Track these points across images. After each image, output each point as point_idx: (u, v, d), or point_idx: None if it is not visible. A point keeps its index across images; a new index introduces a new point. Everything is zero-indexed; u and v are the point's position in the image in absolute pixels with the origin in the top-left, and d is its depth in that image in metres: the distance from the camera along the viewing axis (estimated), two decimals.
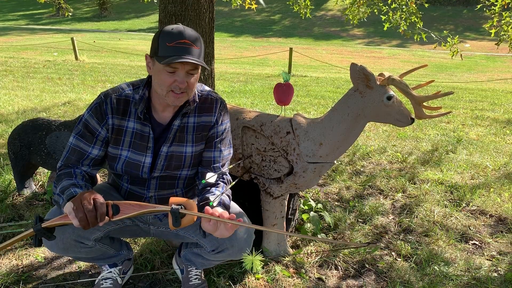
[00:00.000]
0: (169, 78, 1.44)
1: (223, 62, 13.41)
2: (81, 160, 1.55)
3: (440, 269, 2.12)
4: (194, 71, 1.46)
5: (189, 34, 1.43)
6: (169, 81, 1.45)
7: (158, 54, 1.43)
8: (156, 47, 1.44)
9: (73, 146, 1.55)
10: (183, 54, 1.40)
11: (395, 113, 1.85)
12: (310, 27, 28.45)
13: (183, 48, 1.40)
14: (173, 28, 1.43)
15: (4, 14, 32.54)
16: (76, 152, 1.55)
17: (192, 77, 1.47)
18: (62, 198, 1.42)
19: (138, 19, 30.98)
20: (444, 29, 25.73)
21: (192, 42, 1.42)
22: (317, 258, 2.19)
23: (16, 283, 1.89)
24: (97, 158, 1.58)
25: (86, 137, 1.55)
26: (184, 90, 1.47)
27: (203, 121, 1.64)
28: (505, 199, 3.02)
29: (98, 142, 1.56)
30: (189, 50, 1.41)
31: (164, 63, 1.39)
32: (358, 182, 3.28)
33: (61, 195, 1.43)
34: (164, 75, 1.45)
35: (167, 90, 1.46)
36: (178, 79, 1.44)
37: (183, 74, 1.44)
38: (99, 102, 1.55)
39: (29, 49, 14.65)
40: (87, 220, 1.29)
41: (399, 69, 13.51)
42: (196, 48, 1.43)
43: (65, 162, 1.55)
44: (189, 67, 1.44)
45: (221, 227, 1.34)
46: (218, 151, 1.67)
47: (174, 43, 1.40)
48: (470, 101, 7.51)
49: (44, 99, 6.12)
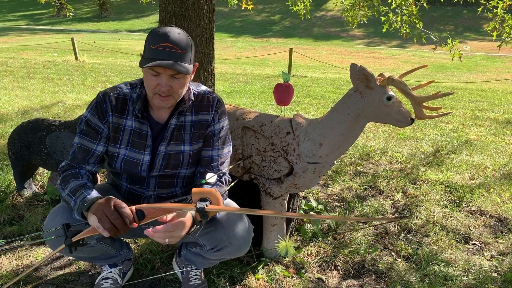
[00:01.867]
0: (153, 81, 1.44)
1: (223, 63, 13.41)
2: (87, 158, 1.56)
3: (440, 270, 2.12)
4: (179, 75, 1.45)
5: (174, 38, 1.40)
6: (153, 84, 1.45)
7: (144, 55, 1.44)
8: (144, 48, 1.45)
9: (78, 145, 1.56)
10: (164, 57, 1.39)
11: (395, 113, 1.85)
12: (310, 27, 28.46)
13: (165, 51, 1.39)
14: (160, 30, 1.42)
15: (4, 14, 32.54)
16: (82, 150, 1.55)
17: (177, 81, 1.46)
18: (73, 200, 1.43)
19: (138, 19, 30.99)
20: (444, 30, 25.77)
21: (175, 46, 1.40)
22: (317, 258, 2.19)
23: (16, 283, 1.89)
24: (101, 155, 1.59)
25: (90, 134, 1.56)
26: (168, 94, 1.46)
27: (200, 119, 1.64)
28: (505, 199, 3.02)
29: (102, 139, 1.57)
30: (172, 54, 1.39)
31: (142, 66, 1.40)
32: (358, 182, 3.28)
33: (72, 197, 1.43)
34: (149, 77, 1.45)
35: (152, 92, 1.47)
36: (161, 82, 1.44)
37: (166, 78, 1.43)
38: (99, 101, 1.56)
39: (29, 49, 14.65)
40: (116, 228, 1.30)
41: (399, 70, 13.51)
42: (180, 51, 1.41)
43: (71, 161, 1.55)
44: (171, 72, 1.43)
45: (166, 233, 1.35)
46: (217, 150, 1.67)
47: (157, 46, 1.40)
48: (470, 101, 7.51)
49: (44, 100, 6.12)
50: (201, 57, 2.69)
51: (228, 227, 1.61)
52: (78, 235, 1.32)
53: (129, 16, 32.05)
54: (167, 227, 1.34)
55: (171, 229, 1.35)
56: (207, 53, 2.74)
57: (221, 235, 1.61)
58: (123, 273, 1.89)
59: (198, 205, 1.29)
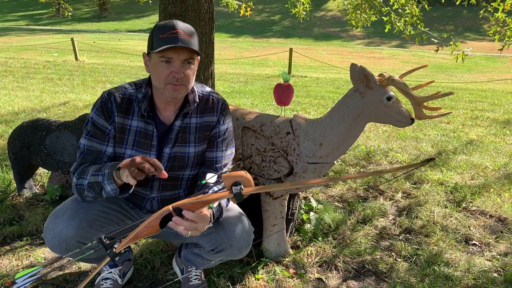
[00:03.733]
0: (166, 69, 1.45)
1: (223, 63, 13.41)
2: (98, 160, 1.55)
3: (441, 270, 2.11)
4: (190, 60, 1.46)
5: (182, 26, 1.44)
6: (165, 73, 1.45)
7: (153, 47, 1.44)
8: (151, 42, 1.46)
9: (87, 148, 1.54)
10: (176, 42, 1.41)
11: (395, 113, 1.85)
12: (310, 27, 28.47)
13: (176, 37, 1.41)
14: (166, 22, 1.45)
15: (4, 14, 32.55)
16: (93, 153, 1.54)
17: (189, 68, 1.47)
18: (101, 175, 1.43)
19: (138, 19, 30.99)
20: (444, 30, 25.76)
21: (185, 32, 1.43)
22: (317, 258, 2.18)
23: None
24: (111, 155, 1.58)
25: (97, 136, 1.55)
26: (181, 82, 1.47)
27: (205, 121, 1.64)
28: (505, 199, 3.02)
29: (111, 139, 1.56)
30: (183, 40, 1.42)
31: (157, 51, 1.40)
32: (359, 183, 3.28)
33: (99, 173, 1.43)
34: (160, 68, 1.45)
35: (164, 82, 1.47)
36: (174, 69, 1.44)
37: (179, 64, 1.45)
38: (104, 101, 1.55)
39: (29, 49, 14.65)
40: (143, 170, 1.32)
41: (399, 70, 13.51)
42: (190, 37, 1.44)
43: (82, 162, 1.54)
44: (184, 56, 1.44)
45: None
46: (220, 151, 1.67)
47: (167, 34, 1.41)
48: (470, 101, 7.51)
49: (44, 100, 6.12)
50: (201, 57, 2.69)
51: (229, 229, 1.61)
52: (120, 245, 1.27)
53: (129, 16, 32.05)
54: (197, 216, 1.31)
55: (199, 220, 1.32)
56: (207, 53, 2.74)
57: (222, 236, 1.60)
58: (123, 273, 1.89)
59: (234, 191, 1.25)
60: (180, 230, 1.29)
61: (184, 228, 1.29)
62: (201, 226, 1.33)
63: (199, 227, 1.32)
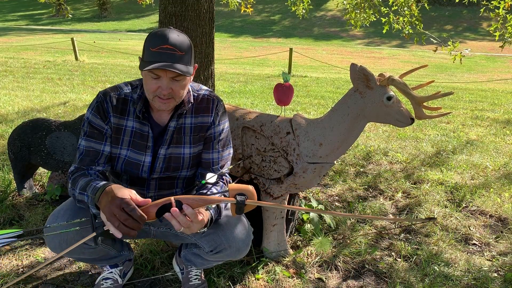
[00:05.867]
0: (154, 84, 1.43)
1: (223, 63, 13.41)
2: (96, 160, 1.54)
3: (440, 270, 2.12)
4: (179, 77, 1.43)
5: (174, 40, 1.39)
6: (153, 87, 1.43)
7: (143, 58, 1.42)
8: (143, 51, 1.44)
9: (86, 148, 1.54)
10: (165, 60, 1.37)
11: (395, 113, 1.85)
12: (310, 27, 28.46)
13: (165, 53, 1.37)
14: (159, 32, 1.41)
15: (4, 14, 32.54)
16: (91, 153, 1.54)
17: (177, 84, 1.44)
18: (85, 195, 1.41)
19: (138, 19, 30.98)
20: (443, 30, 25.76)
21: (175, 48, 1.38)
22: (317, 258, 2.19)
23: (16, 283, 1.89)
24: (109, 155, 1.58)
25: (95, 136, 1.55)
26: (169, 96, 1.45)
27: (200, 121, 1.63)
28: (505, 199, 3.02)
29: (108, 138, 1.56)
30: (172, 56, 1.38)
31: (142, 70, 1.39)
32: (359, 182, 3.28)
33: (84, 192, 1.42)
34: (149, 81, 1.44)
35: (153, 95, 1.45)
36: (162, 85, 1.42)
37: (166, 81, 1.42)
38: (99, 101, 1.55)
39: (29, 49, 14.65)
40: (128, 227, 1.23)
41: (399, 70, 13.51)
42: (180, 53, 1.39)
43: (79, 165, 1.54)
44: (172, 74, 1.41)
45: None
46: (217, 153, 1.67)
47: (157, 48, 1.38)
48: (470, 101, 7.51)
49: (44, 100, 6.12)
50: (201, 57, 2.69)
51: (228, 230, 1.60)
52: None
53: (129, 16, 32.04)
54: (195, 215, 1.30)
55: (195, 220, 1.31)
56: (207, 53, 2.74)
57: (221, 237, 1.60)
58: (124, 273, 1.89)
59: (239, 198, 1.28)
60: (174, 223, 1.30)
61: (179, 223, 1.29)
62: (195, 226, 1.34)
63: (192, 227, 1.33)
